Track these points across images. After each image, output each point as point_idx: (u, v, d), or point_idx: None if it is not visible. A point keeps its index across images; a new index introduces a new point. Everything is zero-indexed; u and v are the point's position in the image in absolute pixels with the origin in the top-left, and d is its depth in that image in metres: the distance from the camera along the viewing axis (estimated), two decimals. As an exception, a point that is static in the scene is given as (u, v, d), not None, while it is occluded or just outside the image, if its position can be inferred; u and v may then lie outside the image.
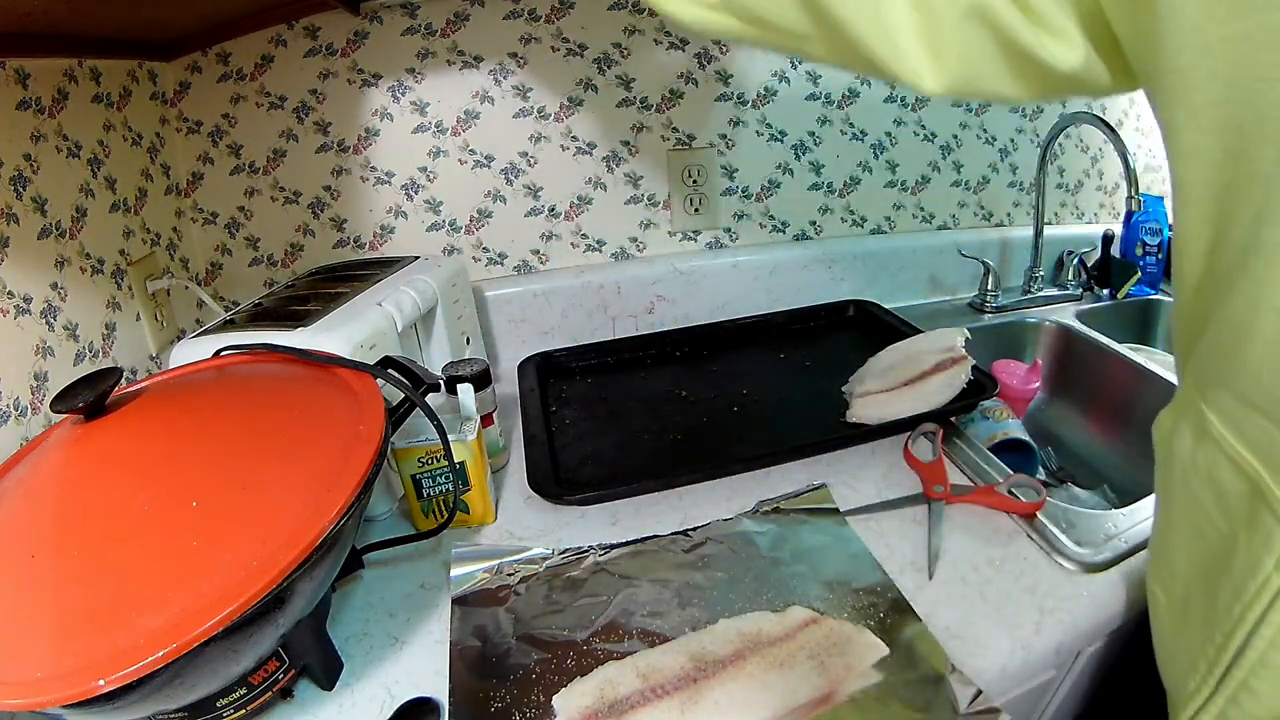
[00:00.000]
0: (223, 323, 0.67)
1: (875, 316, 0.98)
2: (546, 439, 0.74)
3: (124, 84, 0.77)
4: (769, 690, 0.45)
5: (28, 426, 0.60)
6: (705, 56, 0.94)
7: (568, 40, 0.90)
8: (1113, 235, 1.05)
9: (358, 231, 0.94)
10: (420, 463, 0.60)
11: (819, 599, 0.52)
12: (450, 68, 0.89)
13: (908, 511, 0.62)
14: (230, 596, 0.35)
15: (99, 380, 0.45)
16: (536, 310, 0.98)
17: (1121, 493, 0.81)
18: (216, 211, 0.90)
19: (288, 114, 0.87)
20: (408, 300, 0.70)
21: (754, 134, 0.99)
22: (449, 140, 0.92)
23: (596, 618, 0.52)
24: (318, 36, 0.85)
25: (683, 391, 0.85)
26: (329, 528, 0.40)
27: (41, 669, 0.34)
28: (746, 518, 0.62)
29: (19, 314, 0.60)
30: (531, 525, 0.65)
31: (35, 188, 0.64)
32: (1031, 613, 0.51)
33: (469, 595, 0.55)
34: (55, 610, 0.36)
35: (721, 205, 1.02)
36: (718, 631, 0.50)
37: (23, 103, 0.63)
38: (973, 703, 0.43)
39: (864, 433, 0.72)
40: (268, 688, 0.44)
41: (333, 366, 0.54)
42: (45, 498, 0.42)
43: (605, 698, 0.45)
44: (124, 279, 0.75)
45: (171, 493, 0.40)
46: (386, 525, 0.66)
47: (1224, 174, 0.31)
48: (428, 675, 0.50)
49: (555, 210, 0.98)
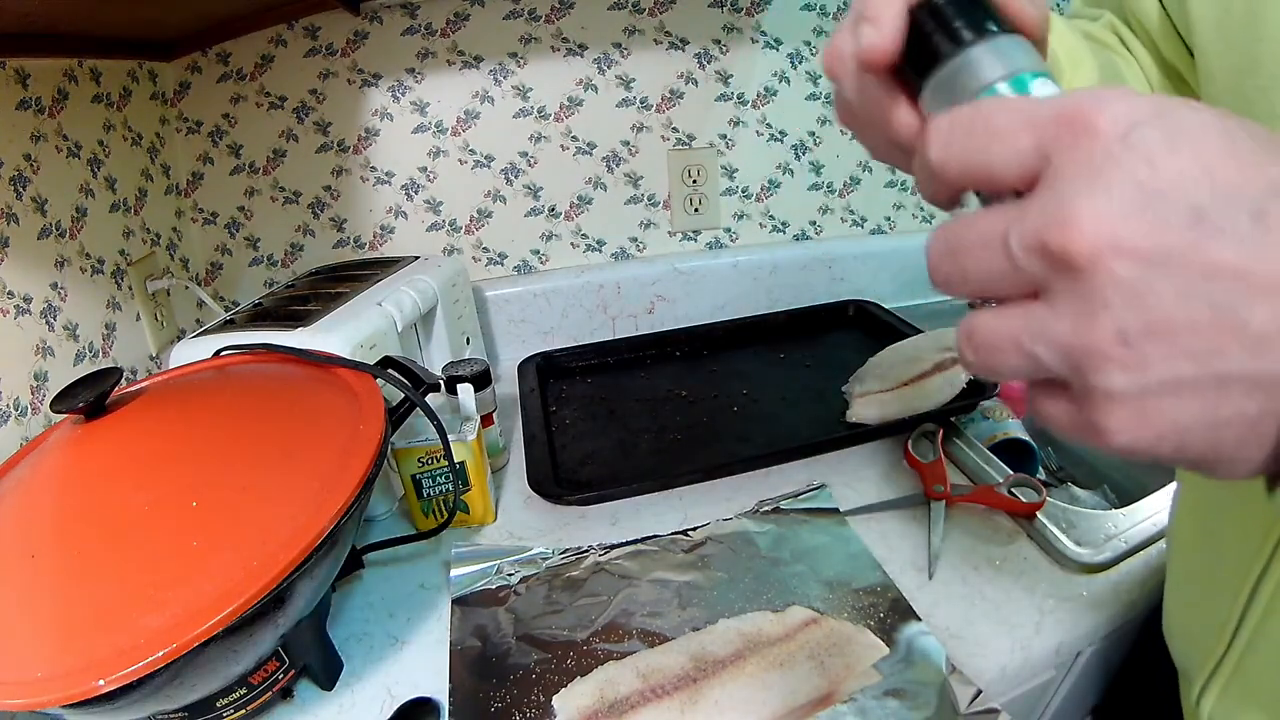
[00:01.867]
0: (223, 323, 0.67)
1: (875, 316, 0.98)
2: (546, 439, 0.74)
3: (124, 84, 0.77)
4: (769, 690, 0.45)
5: (28, 426, 0.60)
6: (705, 56, 0.94)
7: (568, 40, 0.90)
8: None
9: (358, 231, 0.94)
10: (420, 463, 0.60)
11: (819, 599, 0.52)
12: (450, 68, 0.89)
13: (908, 511, 0.62)
14: (230, 596, 0.35)
15: (99, 380, 0.45)
16: (536, 310, 0.98)
17: (1121, 493, 0.81)
18: (216, 211, 0.90)
19: (288, 114, 0.87)
20: (408, 300, 0.70)
21: (754, 134, 0.99)
22: (449, 140, 0.92)
23: (596, 618, 0.52)
24: (318, 36, 0.85)
25: (683, 391, 0.85)
26: (329, 528, 0.40)
27: (41, 669, 0.34)
28: (746, 518, 0.62)
29: (19, 314, 0.60)
30: (531, 525, 0.65)
31: (35, 188, 0.64)
32: (1031, 613, 0.51)
33: (469, 595, 0.55)
34: (55, 610, 0.36)
35: (721, 205, 1.02)
36: (718, 631, 0.50)
37: (23, 103, 0.63)
38: (973, 703, 0.43)
39: (864, 433, 0.72)
40: (268, 688, 0.44)
41: (333, 366, 0.54)
42: (45, 498, 0.42)
43: (605, 698, 0.45)
44: (124, 279, 0.75)
45: (171, 493, 0.40)
46: (386, 525, 0.66)
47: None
48: (428, 675, 0.50)
49: (555, 210, 0.98)
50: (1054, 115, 0.18)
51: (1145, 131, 0.17)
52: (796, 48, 0.96)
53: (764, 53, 0.96)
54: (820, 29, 0.96)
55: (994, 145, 0.19)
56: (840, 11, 0.96)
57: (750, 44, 0.95)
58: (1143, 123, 0.17)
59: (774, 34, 0.95)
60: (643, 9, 0.90)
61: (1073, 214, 0.17)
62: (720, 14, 0.92)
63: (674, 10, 0.91)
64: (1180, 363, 0.16)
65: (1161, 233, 0.16)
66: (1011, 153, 0.18)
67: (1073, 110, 0.18)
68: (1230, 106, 0.32)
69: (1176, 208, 0.16)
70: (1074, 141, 0.17)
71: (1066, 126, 0.18)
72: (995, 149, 0.19)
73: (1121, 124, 0.17)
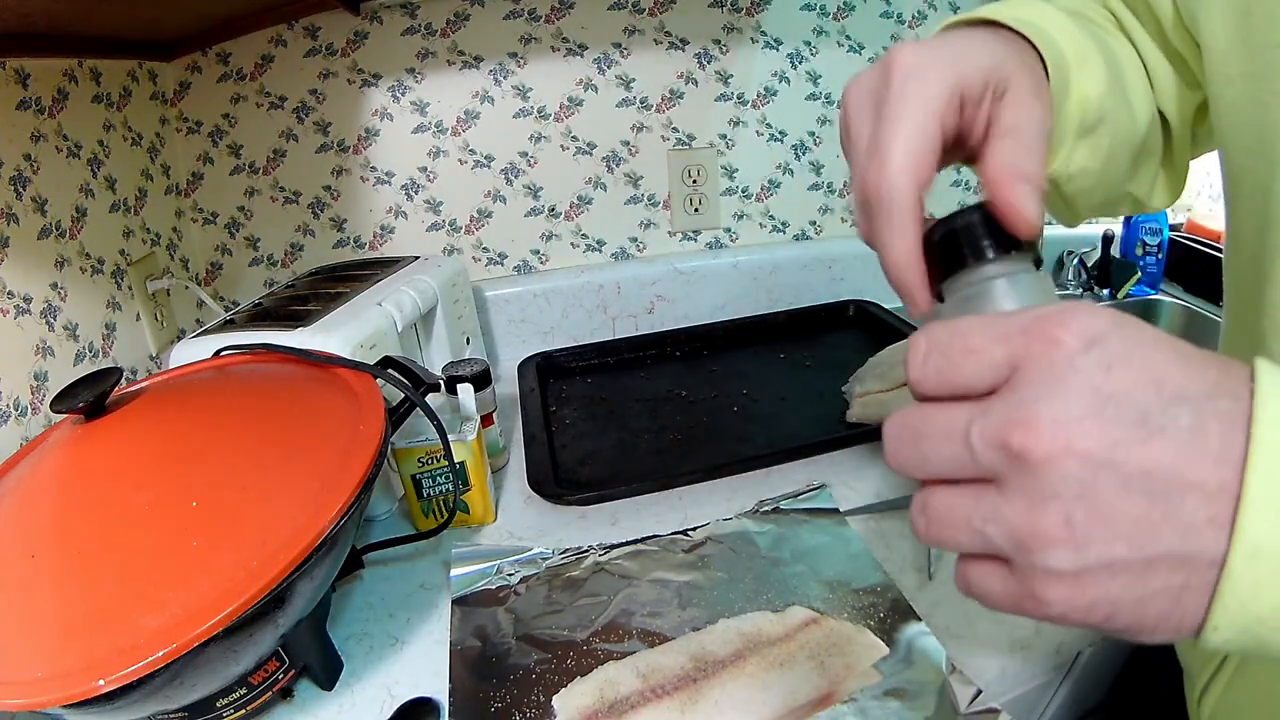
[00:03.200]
0: (223, 323, 0.67)
1: (875, 316, 0.98)
2: (546, 439, 0.74)
3: (124, 84, 0.77)
4: (769, 690, 0.45)
5: (28, 426, 0.60)
6: (705, 56, 0.94)
7: (568, 40, 0.90)
8: (1113, 235, 1.05)
9: (358, 231, 0.94)
10: (420, 463, 0.60)
11: (819, 599, 0.52)
12: (450, 68, 0.89)
13: (908, 511, 0.62)
14: (230, 596, 0.35)
15: (99, 380, 0.45)
16: (536, 310, 0.98)
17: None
18: (216, 211, 0.90)
19: (288, 114, 0.87)
20: (408, 300, 0.70)
21: (754, 134, 0.99)
22: (449, 140, 0.92)
23: (596, 618, 0.52)
24: (318, 36, 0.85)
25: (683, 391, 0.85)
26: (329, 528, 0.40)
27: (41, 669, 0.34)
28: (746, 518, 0.62)
29: (19, 314, 0.60)
30: (531, 525, 0.65)
31: (35, 188, 0.64)
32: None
33: (469, 595, 0.55)
34: (55, 610, 0.36)
35: (721, 205, 1.02)
36: (718, 631, 0.50)
37: (23, 103, 0.63)
38: (973, 703, 0.43)
39: (864, 433, 0.72)
40: (268, 688, 0.44)
41: (333, 366, 0.54)
42: (45, 498, 0.42)
43: (605, 698, 0.45)
44: (124, 279, 0.75)
45: (171, 493, 0.40)
46: (386, 525, 0.66)
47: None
48: (428, 675, 0.50)
49: (555, 210, 0.98)
50: (1023, 328, 0.20)
51: (1105, 343, 0.19)
52: (796, 48, 0.96)
53: (764, 53, 0.96)
54: (820, 29, 0.96)
55: (969, 363, 0.21)
56: (840, 12, 0.96)
57: (750, 44, 0.95)
58: (1103, 335, 0.19)
59: (774, 34, 0.95)
60: (643, 9, 0.90)
61: (1034, 417, 0.19)
62: (720, 14, 0.92)
63: (674, 10, 0.91)
64: (1117, 545, 0.18)
65: (1111, 434, 0.18)
66: (985, 367, 0.20)
67: (1040, 324, 0.20)
68: (1245, 111, 0.32)
69: (1126, 412, 0.18)
70: (1041, 351, 0.19)
71: (1035, 338, 0.20)
72: (970, 367, 0.21)
73: (1084, 337, 0.19)
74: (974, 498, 0.20)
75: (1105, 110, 0.34)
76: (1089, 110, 0.34)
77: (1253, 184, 0.33)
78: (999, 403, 0.20)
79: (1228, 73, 0.33)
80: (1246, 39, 0.31)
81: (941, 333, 0.21)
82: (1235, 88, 0.33)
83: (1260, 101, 0.31)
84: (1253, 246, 0.34)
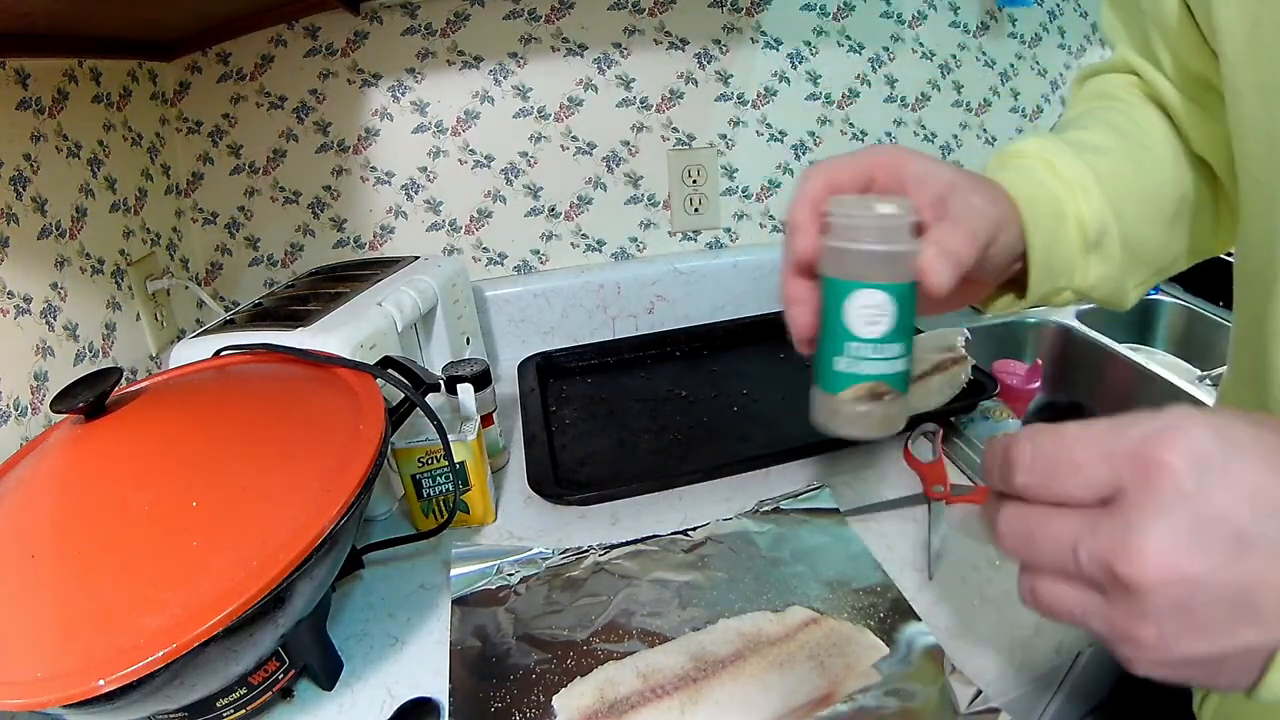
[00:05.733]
0: (223, 323, 0.67)
1: (875, 316, 0.97)
2: (546, 439, 0.74)
3: (124, 84, 0.77)
4: (769, 690, 0.45)
5: (28, 426, 0.60)
6: (705, 56, 0.94)
7: (568, 40, 0.90)
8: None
9: (358, 231, 0.94)
10: (420, 463, 0.60)
11: (819, 599, 0.52)
12: (450, 68, 0.89)
13: (908, 511, 0.62)
14: (230, 596, 0.35)
15: (99, 380, 0.45)
16: (536, 310, 0.98)
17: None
18: (216, 211, 0.90)
19: (288, 114, 0.87)
20: (408, 300, 0.70)
21: (754, 134, 0.99)
22: (449, 140, 0.92)
23: (596, 618, 0.52)
24: (318, 36, 0.85)
25: (683, 391, 0.85)
26: (329, 528, 0.40)
27: (41, 669, 0.34)
28: (746, 518, 0.62)
29: (19, 314, 0.60)
30: (531, 525, 0.65)
31: (35, 188, 0.64)
32: (1031, 613, 0.51)
33: (469, 595, 0.55)
34: (55, 610, 0.36)
35: (721, 205, 1.02)
36: (718, 631, 0.50)
37: (23, 103, 0.63)
38: (973, 703, 0.43)
39: (864, 433, 0.72)
40: (268, 688, 0.44)
41: (333, 366, 0.54)
42: (45, 498, 0.42)
43: (605, 698, 0.45)
44: (124, 279, 0.75)
45: (171, 493, 0.40)
46: (386, 525, 0.66)
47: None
48: (428, 675, 0.50)
49: (555, 210, 0.98)
50: (1130, 451, 0.21)
51: (1209, 464, 0.20)
52: (796, 48, 0.96)
53: (764, 53, 0.96)
54: (820, 29, 0.96)
55: (1074, 479, 0.22)
56: (840, 12, 0.96)
57: (750, 44, 0.95)
58: (1208, 455, 0.20)
59: (774, 34, 0.95)
60: (643, 9, 0.90)
61: (1140, 549, 0.20)
62: (720, 14, 0.92)
63: (674, 10, 0.91)
64: (1200, 644, 0.20)
65: (1210, 560, 0.19)
66: (1089, 485, 0.21)
67: (1147, 447, 0.20)
68: (1254, 122, 0.32)
69: (1224, 534, 0.20)
70: (1146, 477, 0.20)
71: (1141, 462, 0.20)
72: (1074, 482, 0.22)
73: (1190, 459, 0.20)
74: (1078, 597, 0.22)
75: (1105, 223, 0.38)
76: (1089, 228, 0.38)
77: (1261, 194, 0.33)
78: (1106, 523, 0.21)
79: (1237, 84, 0.33)
80: (1256, 49, 0.31)
81: (1047, 441, 0.22)
82: (1245, 99, 0.33)
83: (1269, 112, 0.31)
84: (1260, 255, 0.34)
